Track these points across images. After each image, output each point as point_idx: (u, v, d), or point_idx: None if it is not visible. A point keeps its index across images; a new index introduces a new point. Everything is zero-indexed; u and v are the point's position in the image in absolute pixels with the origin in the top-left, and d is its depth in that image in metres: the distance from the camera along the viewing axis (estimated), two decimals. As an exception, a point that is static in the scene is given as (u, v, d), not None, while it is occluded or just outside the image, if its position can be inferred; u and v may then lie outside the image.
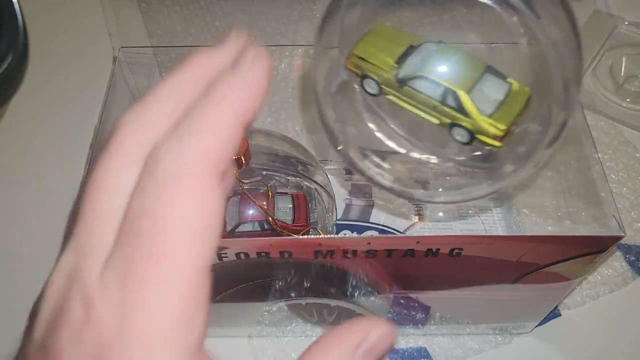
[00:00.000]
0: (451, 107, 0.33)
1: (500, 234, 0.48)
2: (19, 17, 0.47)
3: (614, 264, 0.51)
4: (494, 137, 0.33)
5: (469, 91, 0.33)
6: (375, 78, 0.35)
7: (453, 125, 0.34)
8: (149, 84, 0.45)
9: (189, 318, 0.21)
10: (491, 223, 0.49)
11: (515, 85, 0.34)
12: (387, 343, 0.26)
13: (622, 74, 0.62)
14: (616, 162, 0.57)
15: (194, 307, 0.21)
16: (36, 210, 0.55)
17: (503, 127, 0.33)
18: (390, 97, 0.35)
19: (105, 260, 0.21)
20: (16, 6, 0.45)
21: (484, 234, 0.48)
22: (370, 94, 0.36)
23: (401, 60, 0.35)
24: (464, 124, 0.34)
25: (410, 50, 0.35)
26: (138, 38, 0.47)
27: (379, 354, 0.26)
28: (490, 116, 0.33)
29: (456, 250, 0.35)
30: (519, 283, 0.40)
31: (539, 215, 0.50)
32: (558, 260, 0.37)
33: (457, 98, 0.33)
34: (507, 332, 0.48)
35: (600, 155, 0.41)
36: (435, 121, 0.35)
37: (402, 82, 0.34)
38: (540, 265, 0.38)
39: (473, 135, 0.34)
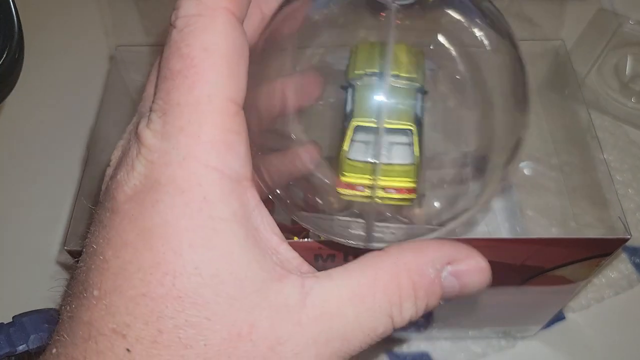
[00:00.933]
0: (344, 131, 0.29)
1: (504, 236, 0.47)
2: (14, 13, 0.47)
3: (619, 266, 0.51)
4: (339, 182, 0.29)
5: (356, 128, 0.28)
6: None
7: None
8: (146, 84, 0.45)
9: (224, 145, 0.22)
10: (494, 225, 0.49)
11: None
12: (478, 280, 0.25)
13: (627, 73, 0.61)
14: (621, 163, 0.56)
15: (227, 134, 0.22)
16: (31, 211, 0.54)
17: (345, 177, 0.29)
18: None
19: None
20: (11, 2, 0.44)
21: (487, 236, 0.47)
22: None
23: (372, 74, 0.29)
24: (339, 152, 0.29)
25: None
26: (135, 36, 0.47)
27: (466, 285, 0.25)
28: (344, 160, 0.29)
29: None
30: (523, 286, 0.39)
31: (543, 216, 0.49)
32: (563, 263, 0.37)
33: (347, 127, 0.28)
34: (510, 336, 0.48)
35: (605, 156, 0.40)
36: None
37: (344, 86, 0.29)
38: (544, 268, 0.37)
39: None
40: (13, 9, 0.45)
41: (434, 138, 0.31)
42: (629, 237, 0.34)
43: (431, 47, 0.29)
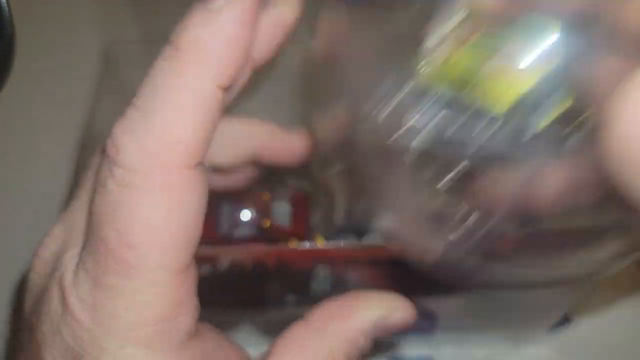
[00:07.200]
0: None
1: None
2: (5, 7, 0.46)
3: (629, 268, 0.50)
4: None
5: None
6: None
7: None
8: (141, 81, 0.44)
9: (168, 319, 0.20)
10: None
11: None
12: (401, 328, 0.25)
13: None
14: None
15: (172, 308, 0.20)
16: (20, 212, 0.53)
17: None
18: None
19: (79, 254, 0.21)
20: (2, -1, 0.43)
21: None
22: None
23: None
24: None
25: None
26: (129, 32, 0.46)
27: (389, 332, 0.25)
28: None
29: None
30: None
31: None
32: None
33: None
34: (516, 340, 0.47)
35: None
36: None
37: None
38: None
39: None
40: (4, 2, 0.44)
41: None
42: None
43: None
